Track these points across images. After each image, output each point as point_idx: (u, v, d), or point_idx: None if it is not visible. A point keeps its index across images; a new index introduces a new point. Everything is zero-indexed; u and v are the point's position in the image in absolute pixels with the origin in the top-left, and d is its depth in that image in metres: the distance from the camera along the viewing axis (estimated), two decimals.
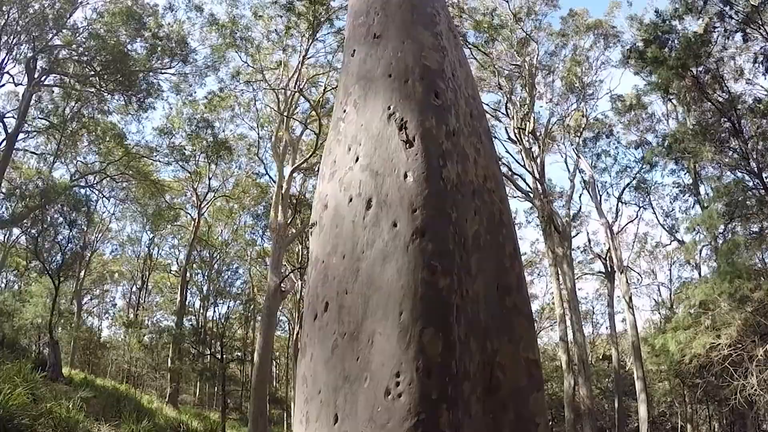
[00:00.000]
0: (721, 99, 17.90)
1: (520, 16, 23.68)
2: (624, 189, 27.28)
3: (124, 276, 38.12)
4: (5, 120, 20.71)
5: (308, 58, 21.36)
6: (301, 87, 20.82)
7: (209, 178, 28.75)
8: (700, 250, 24.52)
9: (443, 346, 1.78)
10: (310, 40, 20.37)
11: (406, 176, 1.95)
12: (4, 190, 21.00)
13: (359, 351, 1.83)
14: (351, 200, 2.04)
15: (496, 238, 2.22)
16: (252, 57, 21.86)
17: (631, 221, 29.56)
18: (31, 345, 20.60)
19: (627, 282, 24.15)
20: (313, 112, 21.14)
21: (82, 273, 28.73)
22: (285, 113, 20.52)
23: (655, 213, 28.36)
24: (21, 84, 21.53)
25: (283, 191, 18.99)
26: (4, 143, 19.80)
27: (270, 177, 26.19)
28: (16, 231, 25.31)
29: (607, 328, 31.32)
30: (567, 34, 24.80)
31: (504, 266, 2.21)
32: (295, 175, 21.74)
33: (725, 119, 17.66)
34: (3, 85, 21.57)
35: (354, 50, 2.64)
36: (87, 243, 28.20)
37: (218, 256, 33.64)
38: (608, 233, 24.37)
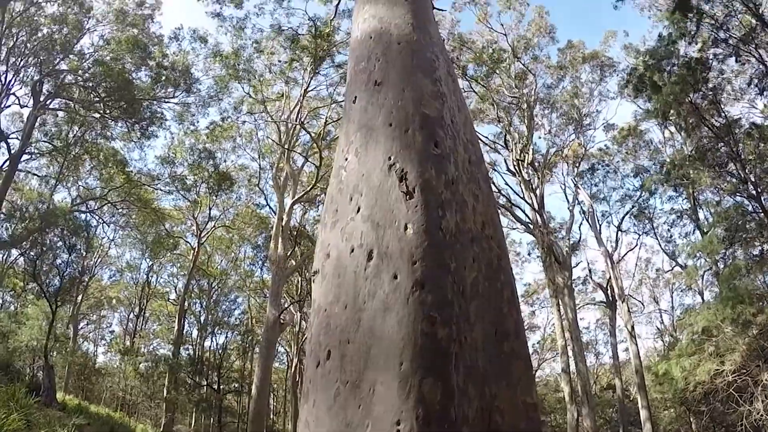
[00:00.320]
0: (718, 124, 18.14)
1: (519, 48, 24.22)
2: (623, 217, 27.38)
3: (121, 302, 37.85)
4: (9, 141, 20.94)
5: (309, 91, 21.70)
6: (302, 119, 21.08)
7: (210, 208, 28.85)
8: (702, 276, 24.48)
9: (442, 394, 1.81)
10: (312, 74, 20.70)
11: (406, 228, 2.00)
12: (4, 211, 21.08)
13: (361, 399, 1.87)
14: (353, 251, 2.08)
15: (494, 284, 2.27)
16: (254, 88, 22.23)
17: (631, 249, 29.60)
18: (25, 368, 20.33)
19: (629, 311, 24.03)
20: (314, 145, 21.34)
21: (80, 297, 28.55)
22: (286, 145, 20.71)
23: (657, 238, 28.45)
24: (26, 106, 21.89)
25: (283, 223, 19.04)
26: (7, 164, 19.97)
27: (270, 208, 26.36)
28: (14, 252, 25.26)
29: (610, 357, 30.96)
30: (564, 66, 25.28)
31: (502, 312, 2.26)
32: (295, 206, 21.83)
33: (723, 144, 17.87)
34: (8, 106, 21.92)
35: (356, 97, 2.71)
36: (85, 268, 28.11)
37: (217, 286, 33.50)
38: (608, 262, 24.36)
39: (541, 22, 24.61)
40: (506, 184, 25.17)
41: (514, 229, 25.05)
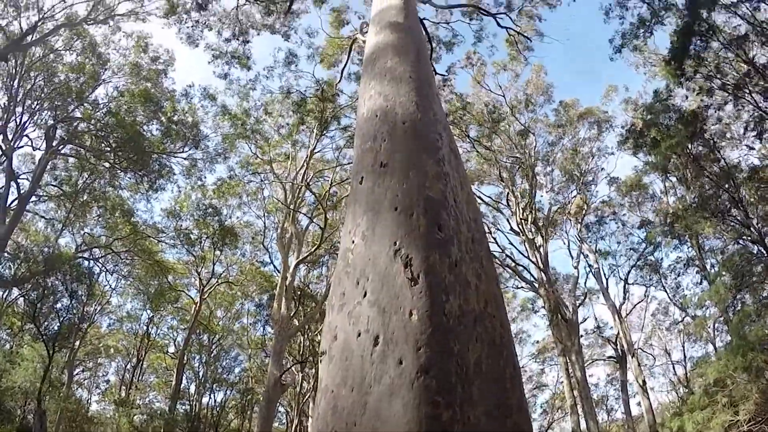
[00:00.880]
0: (718, 170, 18.34)
1: (518, 107, 24.87)
2: (630, 270, 27.13)
3: (119, 352, 37.12)
4: (19, 181, 21.26)
5: (315, 153, 22.10)
6: (308, 181, 21.35)
7: (213, 263, 28.66)
8: (713, 324, 24.03)
9: None
10: (319, 136, 21.15)
11: (411, 314, 2.06)
12: (9, 250, 21.14)
13: None
14: (359, 335, 2.13)
15: (497, 362, 2.30)
16: (261, 149, 22.65)
17: (639, 302, 29.25)
18: (16, 408, 19.76)
19: (639, 365, 23.49)
20: (319, 206, 21.59)
21: (77, 343, 28.10)
22: (291, 206, 20.89)
23: (665, 290, 28.15)
24: (39, 149, 22.32)
25: (287, 283, 18.94)
26: (16, 203, 20.21)
27: (274, 266, 26.07)
28: (15, 291, 25.08)
29: (622, 413, 29.88)
30: (562, 124, 25.72)
31: (505, 388, 2.28)
32: (300, 266, 21.82)
33: (723, 191, 18.00)
34: (22, 146, 22.29)
35: (362, 177, 2.82)
36: (85, 315, 27.83)
37: (218, 342, 32.99)
38: (616, 317, 24.01)
39: (538, 81, 25.29)
40: (510, 243, 25.27)
41: (519, 288, 24.87)
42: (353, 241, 2.50)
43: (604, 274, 25.96)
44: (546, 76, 25.71)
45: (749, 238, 17.88)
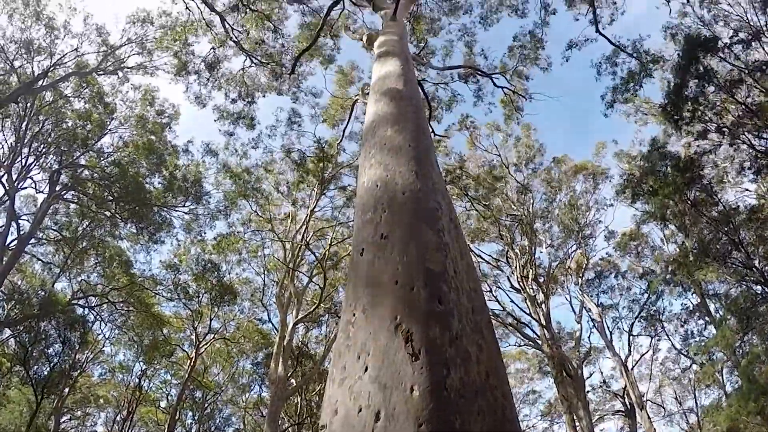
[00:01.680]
0: (716, 213, 18.42)
1: (519, 166, 25.37)
2: (634, 322, 26.82)
3: (109, 402, 35.96)
4: (20, 221, 21.36)
5: (315, 212, 22.38)
6: (308, 240, 21.43)
7: (210, 319, 28.34)
8: (721, 369, 23.48)
9: None
10: (318, 195, 21.45)
11: (412, 390, 2.07)
12: (4, 290, 20.88)
13: None
14: (360, 410, 2.14)
15: None
16: (261, 207, 22.91)
17: (646, 353, 28.76)
18: None
19: (649, 417, 22.78)
20: (319, 265, 21.60)
21: (66, 390, 27.22)
22: (291, 265, 20.86)
23: (670, 339, 27.71)
24: (42, 192, 22.63)
25: (285, 342, 18.66)
26: (15, 243, 20.14)
27: (273, 325, 25.83)
28: (6, 331, 24.51)
29: None
30: (558, 180, 26.07)
31: None
32: (298, 325, 21.58)
33: (723, 234, 18.02)
34: (25, 188, 22.65)
35: (363, 249, 2.87)
36: (76, 362, 27.13)
37: (211, 399, 32.04)
38: (623, 370, 23.50)
39: (529, 141, 25.88)
40: (511, 301, 25.18)
41: (521, 346, 24.52)
42: (354, 314, 2.53)
43: (608, 328, 25.66)
44: (539, 134, 26.51)
45: (752, 279, 17.81)
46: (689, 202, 18.72)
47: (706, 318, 24.06)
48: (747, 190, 20.70)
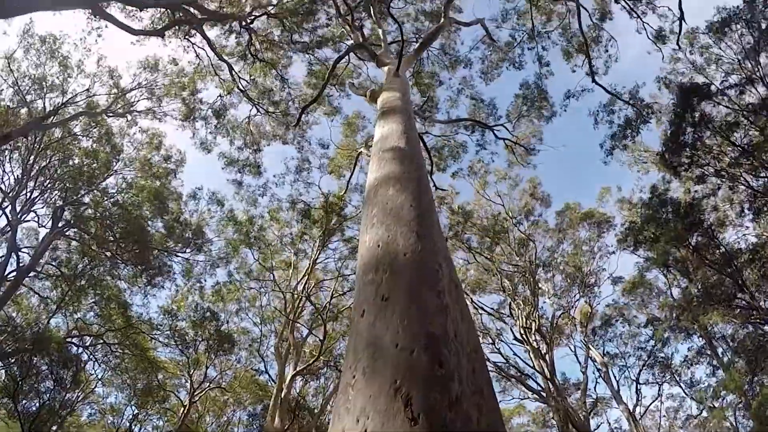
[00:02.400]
0: (719, 256, 18.35)
1: (519, 215, 25.53)
2: (641, 370, 26.24)
3: None
4: (20, 254, 21.22)
5: (318, 263, 22.45)
6: (309, 292, 21.42)
7: (207, 367, 27.82)
8: (734, 412, 22.75)
9: None
10: (321, 247, 21.53)
11: None
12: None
13: None
14: None
15: None
16: (263, 255, 22.92)
17: (654, 401, 27.94)
18: None
19: None
20: (319, 317, 21.49)
21: (54, 428, 26.27)
22: (291, 316, 20.74)
23: (680, 385, 27.00)
24: (44, 226, 22.53)
25: (282, 394, 18.37)
26: (13, 275, 19.99)
27: (270, 376, 25.31)
28: None
29: None
30: (563, 229, 26.04)
31: None
32: (296, 377, 21.24)
33: (726, 277, 17.91)
34: (27, 221, 22.54)
35: (364, 310, 2.92)
36: (66, 401, 26.35)
37: None
38: (631, 420, 22.80)
39: (535, 191, 26.10)
40: (514, 354, 24.70)
41: (525, 399, 23.96)
42: (354, 376, 2.56)
43: (614, 377, 25.09)
44: (543, 182, 26.66)
45: (758, 319, 17.62)
46: (691, 247, 18.75)
47: (714, 362, 23.57)
48: (747, 226, 20.67)
